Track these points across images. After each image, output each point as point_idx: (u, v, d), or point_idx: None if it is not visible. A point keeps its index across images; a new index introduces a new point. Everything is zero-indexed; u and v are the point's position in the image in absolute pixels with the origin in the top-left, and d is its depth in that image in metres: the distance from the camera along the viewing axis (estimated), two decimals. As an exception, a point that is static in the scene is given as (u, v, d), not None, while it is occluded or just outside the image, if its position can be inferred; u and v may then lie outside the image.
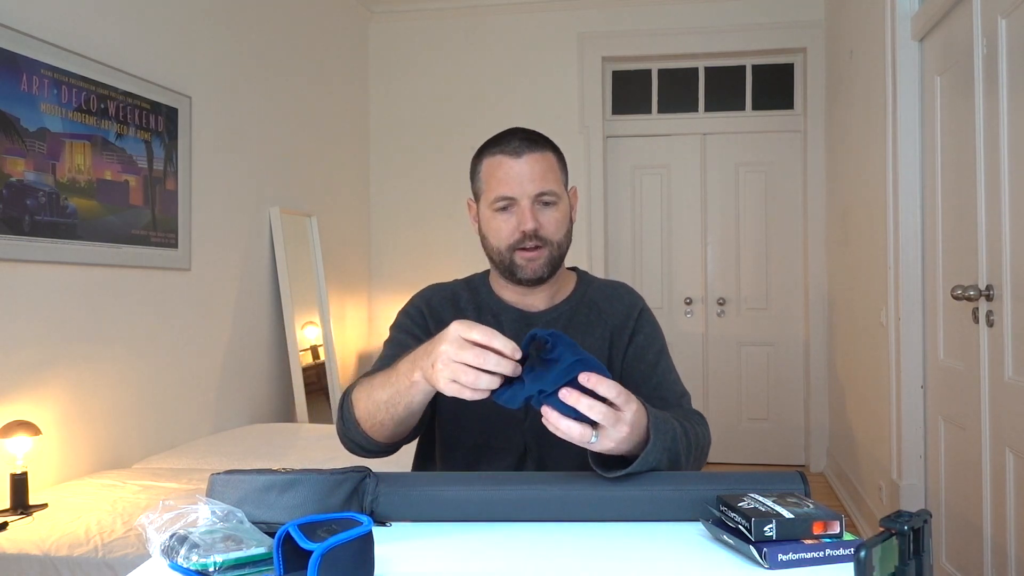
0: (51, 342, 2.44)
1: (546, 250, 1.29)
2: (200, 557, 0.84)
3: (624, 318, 1.39)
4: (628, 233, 4.75)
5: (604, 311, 1.39)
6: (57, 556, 1.84)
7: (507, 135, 1.31)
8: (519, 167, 1.27)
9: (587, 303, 1.39)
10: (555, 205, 1.30)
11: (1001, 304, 2.02)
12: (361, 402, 1.16)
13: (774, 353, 4.65)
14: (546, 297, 1.37)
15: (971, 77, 2.19)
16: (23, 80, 2.34)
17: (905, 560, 0.74)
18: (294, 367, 3.68)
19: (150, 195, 2.86)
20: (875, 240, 3.10)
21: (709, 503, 1.00)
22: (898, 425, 2.78)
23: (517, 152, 1.28)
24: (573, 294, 1.40)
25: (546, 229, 1.28)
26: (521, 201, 1.27)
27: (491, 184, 1.29)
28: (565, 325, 1.36)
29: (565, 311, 1.38)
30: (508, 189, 1.27)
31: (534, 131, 1.34)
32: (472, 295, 1.40)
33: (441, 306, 1.39)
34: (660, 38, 4.58)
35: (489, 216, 1.31)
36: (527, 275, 1.30)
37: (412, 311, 1.39)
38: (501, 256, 1.31)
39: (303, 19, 4.06)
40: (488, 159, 1.31)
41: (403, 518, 1.04)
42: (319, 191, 4.22)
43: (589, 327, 1.37)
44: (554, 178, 1.30)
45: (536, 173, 1.27)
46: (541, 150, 1.30)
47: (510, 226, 1.28)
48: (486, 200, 1.31)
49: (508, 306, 1.37)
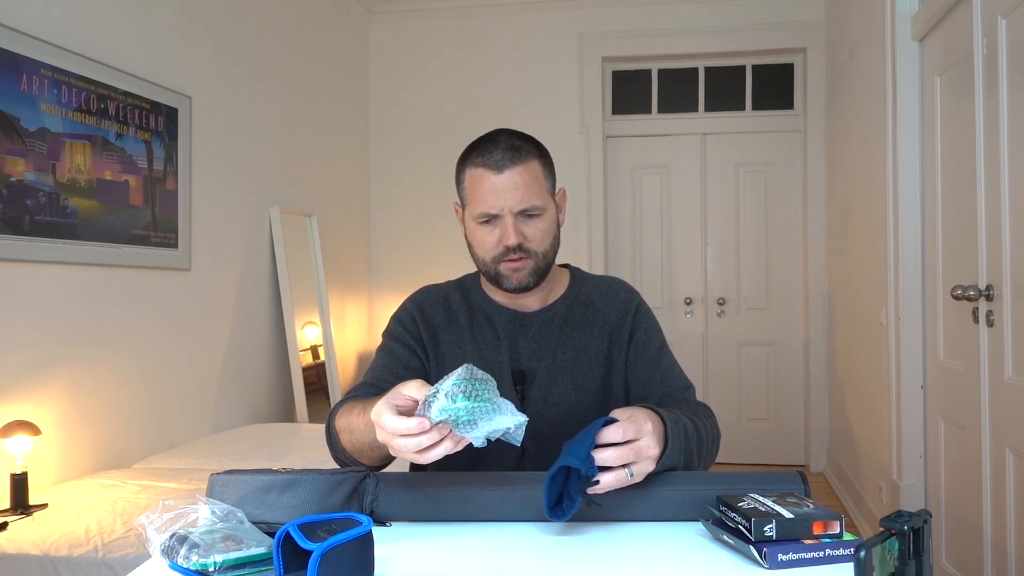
0: (51, 342, 2.44)
1: (531, 260, 1.28)
2: (200, 557, 0.84)
3: (622, 315, 1.38)
4: (628, 233, 4.75)
5: (600, 309, 1.38)
6: (57, 556, 1.83)
7: (490, 143, 1.27)
8: (501, 182, 1.24)
9: (582, 301, 1.38)
10: (540, 216, 1.27)
11: (1001, 304, 2.02)
12: (344, 436, 1.16)
13: (774, 353, 4.65)
14: (539, 298, 1.36)
15: (971, 77, 2.19)
16: (23, 80, 2.34)
17: (905, 560, 0.74)
18: (294, 367, 3.68)
19: (150, 195, 2.86)
20: (875, 240, 3.10)
21: (709, 503, 1.00)
22: (898, 425, 2.78)
23: (499, 167, 1.24)
24: (567, 293, 1.39)
25: (531, 241, 1.27)
26: (504, 217, 1.25)
27: (474, 197, 1.27)
28: (560, 324, 1.35)
29: (560, 310, 1.37)
30: (491, 206, 1.25)
31: (519, 135, 1.30)
32: (464, 297, 1.39)
33: (433, 310, 1.38)
34: (660, 38, 4.58)
35: (474, 227, 1.30)
36: (512, 285, 1.29)
37: (404, 317, 1.39)
38: (486, 267, 1.31)
39: (303, 19, 4.06)
40: (471, 170, 1.28)
41: (403, 518, 1.04)
42: (319, 191, 4.21)
43: (586, 326, 1.36)
44: (538, 190, 1.27)
45: (519, 188, 1.24)
46: (524, 161, 1.25)
47: (493, 239, 1.27)
48: (470, 212, 1.29)
49: (501, 307, 1.37)
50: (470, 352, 1.34)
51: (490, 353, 1.34)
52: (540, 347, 1.34)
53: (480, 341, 1.35)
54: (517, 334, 1.35)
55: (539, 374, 1.33)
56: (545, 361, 1.33)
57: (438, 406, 0.88)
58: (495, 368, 1.33)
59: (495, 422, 0.89)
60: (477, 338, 1.35)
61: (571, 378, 1.33)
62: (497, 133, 1.30)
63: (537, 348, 1.34)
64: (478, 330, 1.36)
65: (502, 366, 1.33)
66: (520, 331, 1.35)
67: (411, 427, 0.88)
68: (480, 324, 1.36)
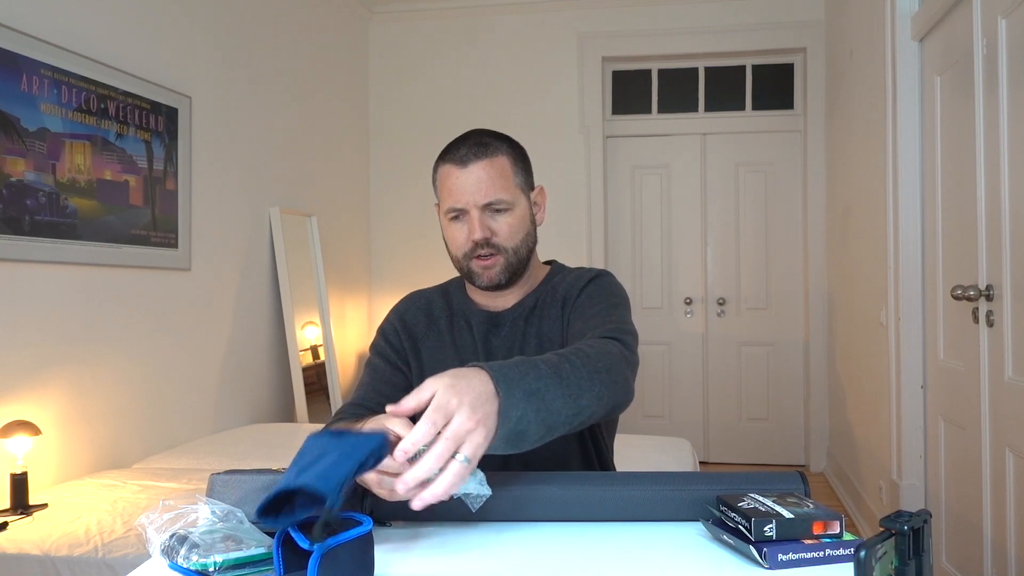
0: (51, 342, 2.44)
1: (501, 257, 1.27)
2: (200, 557, 0.84)
3: (574, 288, 1.33)
4: (628, 233, 4.75)
5: (560, 292, 1.34)
6: (57, 556, 1.83)
7: (459, 141, 1.28)
8: (465, 177, 1.24)
9: (550, 291, 1.35)
10: (508, 211, 1.27)
11: (1001, 304, 2.02)
12: None
13: (774, 353, 4.65)
14: (514, 296, 1.35)
15: (971, 77, 2.19)
16: (23, 80, 2.34)
17: (905, 560, 0.74)
18: (294, 367, 3.68)
19: (150, 195, 2.86)
20: (875, 240, 3.10)
21: (709, 503, 1.00)
22: (898, 425, 2.78)
23: (463, 161, 1.25)
24: (538, 287, 1.37)
25: (499, 236, 1.26)
26: (470, 211, 1.25)
27: (443, 194, 1.28)
28: (527, 317, 1.33)
29: (529, 304, 1.35)
30: (455, 200, 1.25)
31: (490, 132, 1.30)
32: (446, 302, 1.39)
33: (414, 319, 1.38)
34: (660, 38, 4.58)
35: (445, 224, 1.30)
36: (483, 282, 1.29)
37: (387, 329, 1.39)
38: (459, 264, 1.31)
39: (303, 19, 4.06)
40: (440, 167, 1.29)
41: (403, 518, 1.04)
42: (319, 191, 4.21)
43: (547, 311, 1.33)
44: (504, 184, 1.26)
45: (483, 182, 1.24)
46: (491, 156, 1.25)
47: (463, 235, 1.27)
48: (441, 209, 1.30)
49: (478, 309, 1.36)
50: (451, 356, 1.33)
51: (468, 355, 1.34)
52: (512, 344, 1.32)
53: (460, 345, 1.35)
54: (491, 334, 1.34)
55: None
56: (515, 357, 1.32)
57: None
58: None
59: (465, 485, 0.89)
60: (457, 342, 1.35)
61: None
62: (470, 132, 1.31)
63: (509, 346, 1.32)
64: (458, 334, 1.35)
65: None
66: (493, 331, 1.35)
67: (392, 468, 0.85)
68: (460, 327, 1.36)
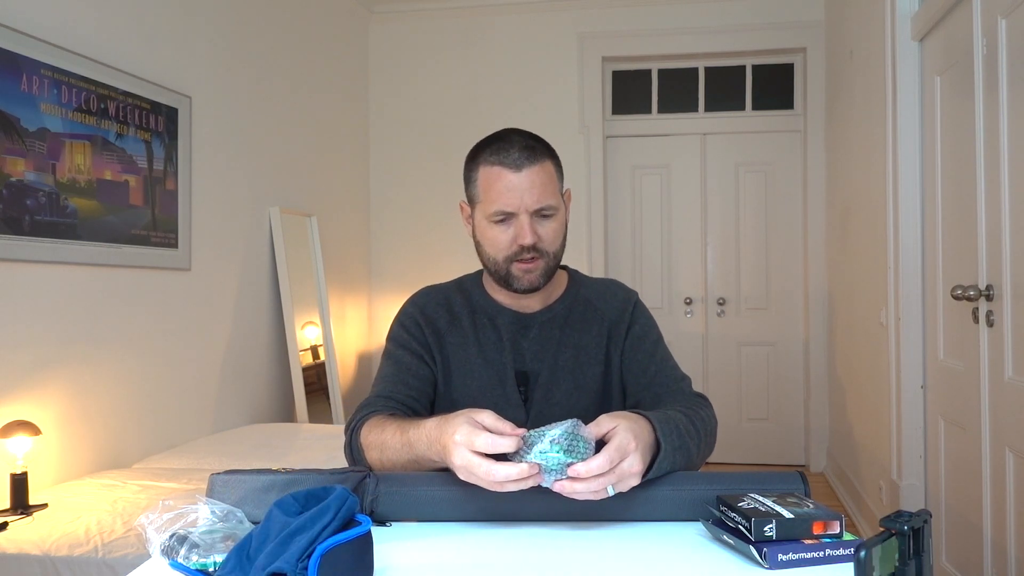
0: (51, 342, 2.44)
1: (542, 261, 1.28)
2: (200, 557, 0.84)
3: (620, 312, 1.39)
4: (628, 233, 4.75)
5: (599, 308, 1.39)
6: (57, 556, 1.83)
7: (504, 142, 1.26)
8: (519, 181, 1.23)
9: (581, 301, 1.39)
10: (553, 216, 1.27)
11: (1001, 304, 2.02)
12: (372, 453, 1.17)
13: (774, 353, 4.65)
14: (540, 298, 1.37)
15: (971, 77, 2.19)
16: (23, 80, 2.34)
17: (905, 560, 0.74)
18: (294, 367, 3.68)
19: (150, 195, 2.86)
20: (875, 240, 3.10)
21: (709, 503, 1.00)
22: (898, 425, 2.78)
23: (517, 165, 1.24)
24: (566, 293, 1.39)
25: (544, 241, 1.27)
26: (520, 216, 1.25)
27: (489, 196, 1.26)
28: (561, 325, 1.36)
29: (560, 311, 1.37)
30: (507, 204, 1.24)
31: (531, 136, 1.29)
32: (465, 298, 1.39)
33: (435, 312, 1.38)
34: (660, 38, 4.58)
35: (485, 226, 1.28)
36: (523, 286, 1.29)
37: (407, 322, 1.38)
38: (497, 266, 1.30)
39: (303, 19, 4.06)
40: (485, 168, 1.27)
41: (403, 518, 1.04)
42: (319, 191, 4.21)
43: (585, 325, 1.37)
44: (552, 190, 1.27)
45: (536, 187, 1.24)
46: (540, 160, 1.25)
47: (507, 237, 1.26)
48: (483, 210, 1.28)
49: (503, 308, 1.37)
50: (474, 354, 1.34)
51: (494, 354, 1.34)
52: (542, 348, 1.34)
53: (484, 343, 1.35)
54: (519, 335, 1.35)
55: (542, 375, 1.33)
56: (547, 362, 1.34)
57: (539, 448, 0.95)
58: (499, 369, 1.33)
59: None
60: (481, 340, 1.35)
61: (572, 378, 1.34)
62: (509, 132, 1.29)
63: (539, 349, 1.34)
64: (482, 331, 1.36)
65: (505, 367, 1.33)
66: (522, 332, 1.36)
67: (522, 472, 0.94)
68: (484, 325, 1.36)
